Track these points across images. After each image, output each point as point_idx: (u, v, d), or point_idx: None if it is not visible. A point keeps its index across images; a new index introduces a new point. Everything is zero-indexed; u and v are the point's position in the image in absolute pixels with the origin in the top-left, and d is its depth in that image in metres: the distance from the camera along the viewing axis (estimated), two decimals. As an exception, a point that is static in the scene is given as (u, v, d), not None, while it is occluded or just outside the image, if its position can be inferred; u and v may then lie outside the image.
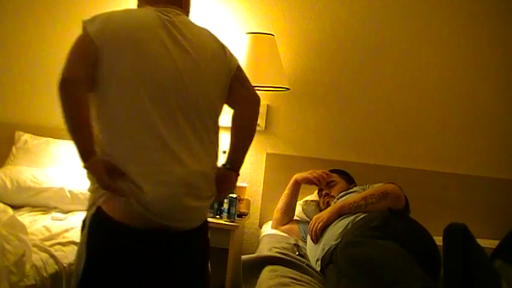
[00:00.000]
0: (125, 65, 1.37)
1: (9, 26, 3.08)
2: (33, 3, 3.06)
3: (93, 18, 1.40)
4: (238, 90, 1.56)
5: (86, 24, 1.39)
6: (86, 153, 1.34)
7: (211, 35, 1.56)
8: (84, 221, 1.45)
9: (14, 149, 2.88)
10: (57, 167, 2.71)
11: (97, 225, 1.38)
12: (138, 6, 1.58)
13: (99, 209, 1.38)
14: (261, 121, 2.82)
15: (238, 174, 1.60)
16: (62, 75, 1.34)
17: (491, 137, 2.81)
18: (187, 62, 1.43)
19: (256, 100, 1.58)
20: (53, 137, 2.90)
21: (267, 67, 2.57)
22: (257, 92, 1.62)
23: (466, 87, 2.83)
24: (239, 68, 1.58)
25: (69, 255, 1.93)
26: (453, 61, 2.82)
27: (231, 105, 1.58)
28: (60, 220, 2.31)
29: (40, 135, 2.92)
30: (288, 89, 2.64)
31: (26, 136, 2.91)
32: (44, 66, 3.05)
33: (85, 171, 1.41)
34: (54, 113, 3.03)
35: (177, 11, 1.49)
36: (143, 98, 1.36)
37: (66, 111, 1.32)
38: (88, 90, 1.37)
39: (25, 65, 3.07)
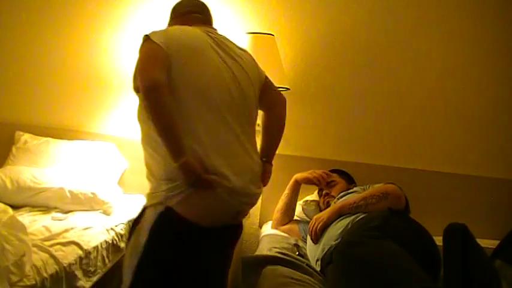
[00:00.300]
0: (192, 72, 1.53)
1: (9, 26, 3.08)
2: (33, 3, 3.05)
3: (154, 32, 1.54)
4: (270, 94, 1.81)
5: (149, 36, 1.52)
6: (178, 153, 1.44)
7: (243, 48, 1.79)
8: (138, 218, 1.55)
9: (14, 149, 2.88)
10: (57, 167, 2.71)
11: (164, 224, 1.49)
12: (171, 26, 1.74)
13: (169, 209, 1.48)
14: (260, 121, 2.82)
15: (272, 166, 1.79)
16: (147, 82, 1.43)
17: (491, 137, 2.81)
18: (240, 71, 1.65)
19: (284, 100, 1.84)
20: (53, 137, 2.90)
21: (267, 67, 2.53)
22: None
23: (467, 87, 2.83)
24: (266, 76, 1.82)
25: (69, 255, 1.93)
26: (454, 61, 2.83)
27: (263, 107, 1.80)
28: (60, 220, 2.31)
29: (40, 135, 2.92)
30: (288, 89, 2.64)
31: (26, 136, 2.91)
32: (44, 66, 3.05)
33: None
34: (54, 113, 3.05)
35: (214, 29, 1.74)
36: (215, 100, 1.55)
37: (157, 115, 1.43)
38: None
39: (25, 65, 3.07)
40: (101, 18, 3.00)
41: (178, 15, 1.77)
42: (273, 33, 2.64)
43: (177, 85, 1.50)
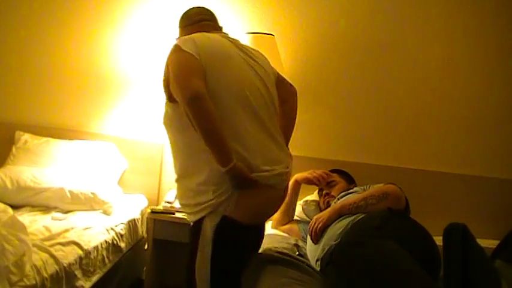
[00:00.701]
0: (227, 77, 1.61)
1: (9, 26, 3.08)
2: (33, 3, 3.06)
3: (183, 41, 1.59)
4: (285, 86, 1.90)
5: (180, 45, 1.57)
6: (227, 159, 1.52)
7: (255, 48, 1.88)
8: (195, 232, 1.65)
9: (14, 149, 2.88)
10: (57, 167, 2.71)
11: (225, 233, 1.60)
12: (183, 34, 1.77)
13: (225, 217, 1.59)
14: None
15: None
16: (190, 92, 1.48)
17: (492, 137, 2.81)
18: (261, 70, 1.75)
19: (296, 90, 1.95)
20: (53, 137, 2.91)
21: (267, 67, 2.57)
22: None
23: (467, 87, 2.83)
24: (278, 72, 1.91)
25: (69, 255, 1.94)
26: (455, 61, 2.82)
27: (280, 100, 1.85)
28: (60, 220, 2.31)
29: (40, 135, 2.92)
30: (288, 89, 2.64)
31: (26, 136, 2.91)
32: (44, 66, 3.05)
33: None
34: (54, 113, 3.05)
35: (227, 34, 1.82)
36: (249, 101, 1.63)
37: (204, 124, 1.49)
38: None
39: (25, 65, 3.07)
40: (101, 18, 3.00)
41: (191, 23, 1.82)
42: (273, 33, 2.64)
43: (215, 91, 1.56)
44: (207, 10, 1.89)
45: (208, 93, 1.52)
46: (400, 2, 2.83)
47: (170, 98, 1.63)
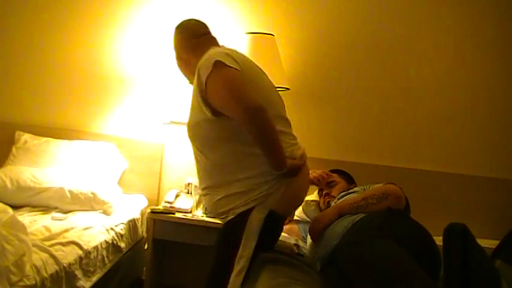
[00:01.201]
0: (260, 86, 1.75)
1: (10, 26, 3.08)
2: (33, 3, 3.06)
3: (222, 56, 1.64)
4: None
5: (223, 61, 1.62)
6: (284, 161, 1.66)
7: None
8: (237, 223, 1.71)
9: (14, 149, 2.88)
10: (57, 167, 2.71)
11: (270, 226, 1.71)
12: (187, 47, 1.87)
13: (272, 212, 1.69)
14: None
15: None
16: (253, 105, 1.58)
17: (491, 137, 2.81)
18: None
19: None
20: (53, 137, 2.91)
21: (267, 67, 2.54)
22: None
23: (467, 87, 2.83)
24: None
25: (69, 255, 1.93)
26: (454, 61, 2.83)
27: None
28: (60, 220, 2.31)
29: (40, 135, 2.92)
30: (288, 89, 2.64)
31: (26, 136, 2.91)
32: (44, 66, 3.05)
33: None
34: (54, 113, 3.05)
35: None
36: (276, 104, 1.79)
37: (266, 133, 1.61)
38: None
39: (25, 65, 3.07)
40: (101, 18, 3.00)
41: (197, 36, 1.88)
42: (273, 33, 2.64)
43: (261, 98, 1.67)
44: (204, 23, 1.95)
45: None
46: (400, 2, 2.83)
47: (214, 112, 1.67)
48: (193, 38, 1.87)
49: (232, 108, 1.62)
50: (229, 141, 1.71)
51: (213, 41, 1.90)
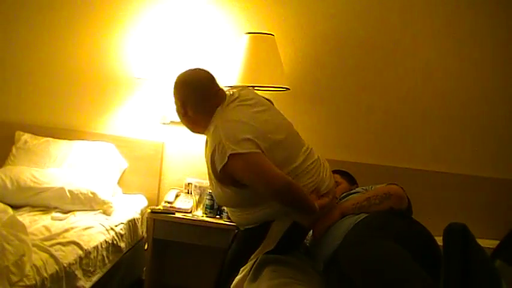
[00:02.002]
0: (281, 143, 1.78)
1: (10, 26, 3.08)
2: (34, 4, 3.06)
3: (236, 143, 1.63)
4: None
5: (237, 151, 1.62)
6: (314, 208, 1.73)
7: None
8: (258, 232, 1.80)
9: (14, 149, 2.88)
10: (57, 167, 2.71)
11: (290, 235, 1.79)
12: (201, 108, 1.82)
13: (295, 223, 1.78)
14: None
15: None
16: (279, 187, 1.64)
17: (491, 137, 2.81)
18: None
19: None
20: (53, 137, 2.91)
21: (267, 67, 2.56)
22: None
23: (466, 87, 2.83)
24: None
25: (69, 255, 1.93)
26: (453, 61, 2.83)
27: None
28: (60, 220, 2.31)
29: (40, 135, 2.92)
30: (288, 89, 2.64)
31: (26, 136, 2.91)
32: (44, 66, 3.05)
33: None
34: (54, 113, 3.05)
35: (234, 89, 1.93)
36: (299, 142, 1.93)
37: (297, 203, 1.71)
38: None
39: (25, 65, 3.07)
40: (101, 18, 3.00)
41: (209, 98, 1.80)
42: (273, 33, 2.63)
43: (282, 156, 1.74)
44: (211, 75, 1.85)
45: (281, 161, 1.69)
46: (400, 2, 2.83)
47: (234, 183, 1.71)
48: (205, 102, 1.79)
49: (261, 190, 1.68)
50: (254, 204, 1.78)
51: (221, 99, 1.81)
